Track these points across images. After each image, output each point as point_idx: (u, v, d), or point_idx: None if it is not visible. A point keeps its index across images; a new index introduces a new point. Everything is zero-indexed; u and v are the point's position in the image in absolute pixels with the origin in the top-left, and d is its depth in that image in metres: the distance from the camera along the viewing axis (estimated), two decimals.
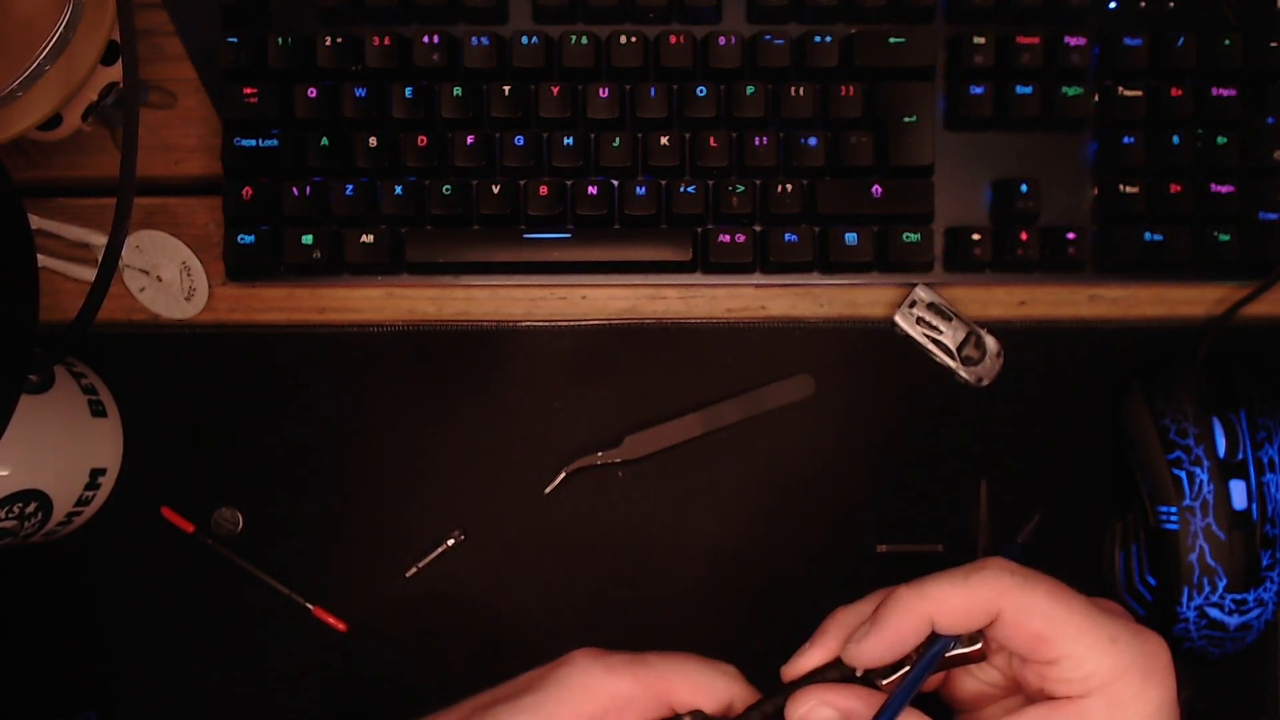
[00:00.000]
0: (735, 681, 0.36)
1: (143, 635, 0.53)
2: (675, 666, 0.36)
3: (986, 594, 0.33)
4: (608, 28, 0.51)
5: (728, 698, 0.36)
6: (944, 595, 0.33)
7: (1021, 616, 0.33)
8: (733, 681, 0.36)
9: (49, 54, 0.44)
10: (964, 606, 0.33)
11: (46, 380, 0.49)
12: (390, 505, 0.53)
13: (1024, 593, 0.33)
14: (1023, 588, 0.33)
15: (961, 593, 0.33)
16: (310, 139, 0.50)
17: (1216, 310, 0.53)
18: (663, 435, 0.53)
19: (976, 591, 0.33)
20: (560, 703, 0.34)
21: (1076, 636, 0.33)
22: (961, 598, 0.33)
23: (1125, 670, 0.32)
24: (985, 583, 0.33)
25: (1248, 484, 0.48)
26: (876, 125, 0.51)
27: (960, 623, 0.34)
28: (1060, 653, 0.33)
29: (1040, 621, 0.33)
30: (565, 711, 0.34)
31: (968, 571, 0.34)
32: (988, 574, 0.33)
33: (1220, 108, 0.50)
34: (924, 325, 0.52)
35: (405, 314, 0.53)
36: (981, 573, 0.33)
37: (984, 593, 0.33)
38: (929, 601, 0.34)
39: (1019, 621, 0.33)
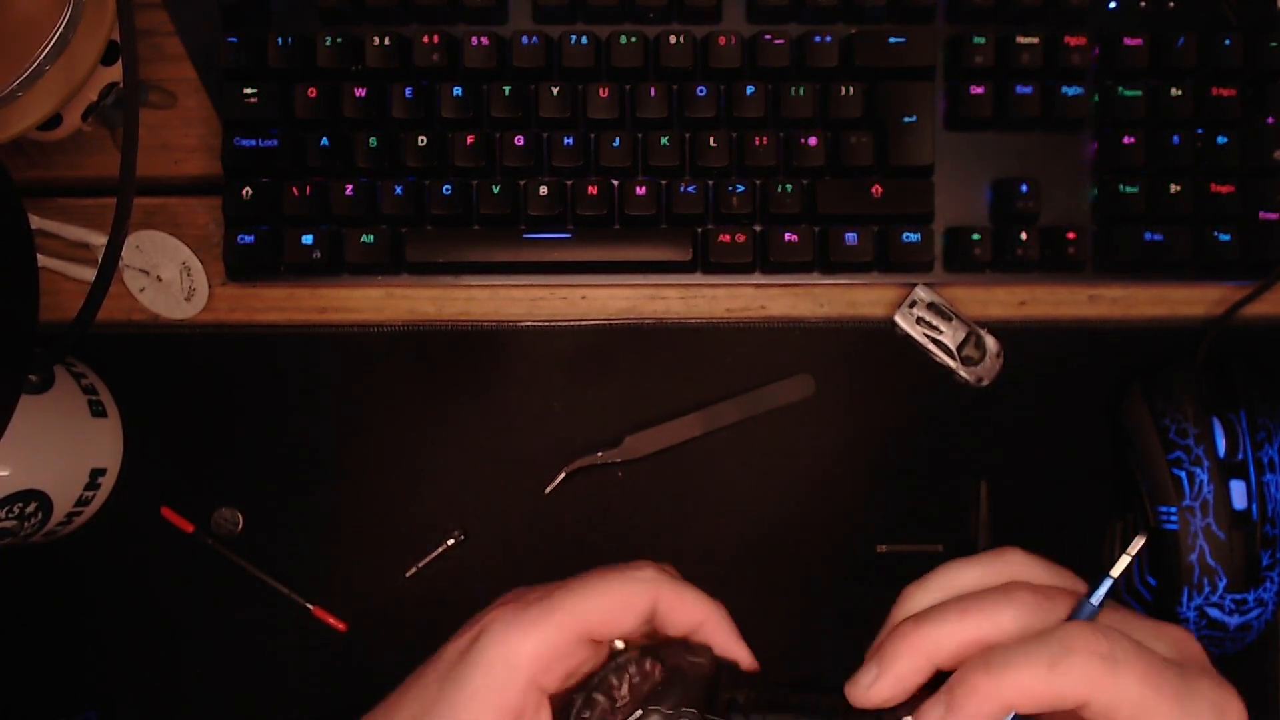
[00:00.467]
0: (652, 584, 0.35)
1: (143, 635, 0.53)
2: (588, 595, 0.34)
3: (1074, 688, 0.29)
4: (608, 28, 0.51)
5: (646, 615, 0.35)
6: (1027, 685, 0.30)
7: (1109, 709, 0.30)
8: (649, 586, 0.35)
9: (49, 54, 0.44)
10: (1048, 699, 0.30)
11: (46, 380, 0.49)
12: (390, 505, 0.53)
13: (1114, 681, 0.29)
14: (1113, 675, 0.29)
15: (1045, 684, 0.29)
16: (310, 139, 0.50)
17: (1216, 310, 0.53)
18: (663, 435, 0.53)
19: (1064, 685, 0.29)
20: (490, 690, 0.33)
21: (1169, 710, 0.30)
22: (1045, 689, 0.29)
23: None
24: (1073, 675, 0.29)
25: (1248, 484, 0.48)
26: (876, 125, 0.51)
27: (1041, 710, 0.30)
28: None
29: (1128, 712, 0.29)
30: (496, 697, 0.33)
31: (1053, 657, 0.30)
32: (1076, 659, 0.29)
33: (1220, 108, 0.50)
34: (924, 325, 0.52)
35: (405, 314, 0.53)
36: (1069, 658, 0.29)
37: (1071, 684, 0.29)
38: (1010, 691, 0.30)
39: (1106, 713, 0.30)
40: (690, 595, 0.36)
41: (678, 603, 0.35)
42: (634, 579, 0.35)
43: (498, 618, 0.34)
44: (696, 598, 0.36)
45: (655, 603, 0.35)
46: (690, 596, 0.36)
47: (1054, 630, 0.31)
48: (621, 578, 0.35)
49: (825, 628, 0.53)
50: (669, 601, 0.35)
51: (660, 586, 0.35)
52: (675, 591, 0.35)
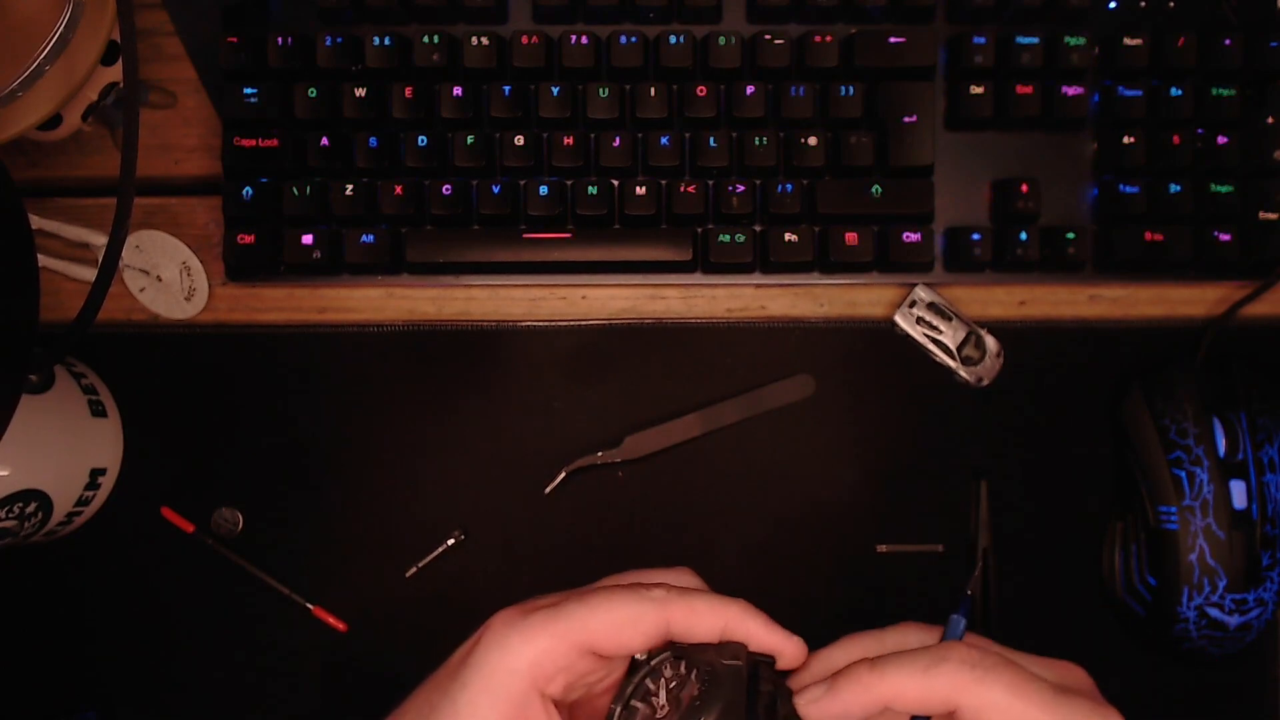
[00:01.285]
0: (661, 604, 0.34)
1: (143, 635, 0.53)
2: (595, 609, 0.34)
3: (943, 689, 0.33)
4: (608, 28, 0.51)
5: (657, 635, 0.34)
6: (901, 685, 0.33)
7: (979, 713, 0.32)
8: (658, 605, 0.34)
9: (49, 54, 0.44)
10: (920, 698, 0.33)
11: (46, 380, 0.49)
12: (390, 505, 0.53)
13: (982, 688, 0.32)
14: (981, 682, 0.32)
15: (919, 685, 0.33)
16: (310, 139, 0.50)
17: (1216, 310, 0.53)
18: (663, 435, 0.53)
19: (934, 685, 0.33)
20: (490, 695, 0.33)
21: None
22: (918, 689, 0.33)
23: None
24: (943, 676, 0.33)
25: (1248, 484, 0.48)
26: (876, 125, 0.51)
27: (917, 709, 0.34)
28: None
29: (998, 716, 0.32)
30: (497, 703, 0.33)
31: (928, 662, 0.33)
32: (946, 667, 0.33)
33: (1220, 108, 0.50)
34: (924, 325, 0.52)
35: (405, 314, 0.53)
36: (941, 665, 0.33)
37: (941, 687, 0.33)
38: (886, 687, 0.33)
39: (978, 718, 0.33)
40: (704, 605, 0.35)
41: (691, 616, 0.35)
42: (644, 598, 0.34)
43: (500, 623, 0.34)
44: (711, 606, 0.35)
45: (667, 622, 0.35)
46: (704, 607, 0.35)
47: (933, 645, 0.35)
48: (631, 596, 0.34)
49: (825, 628, 0.53)
50: (682, 617, 0.35)
51: (670, 605, 0.34)
52: (687, 606, 0.35)
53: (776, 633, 0.36)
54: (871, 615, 0.53)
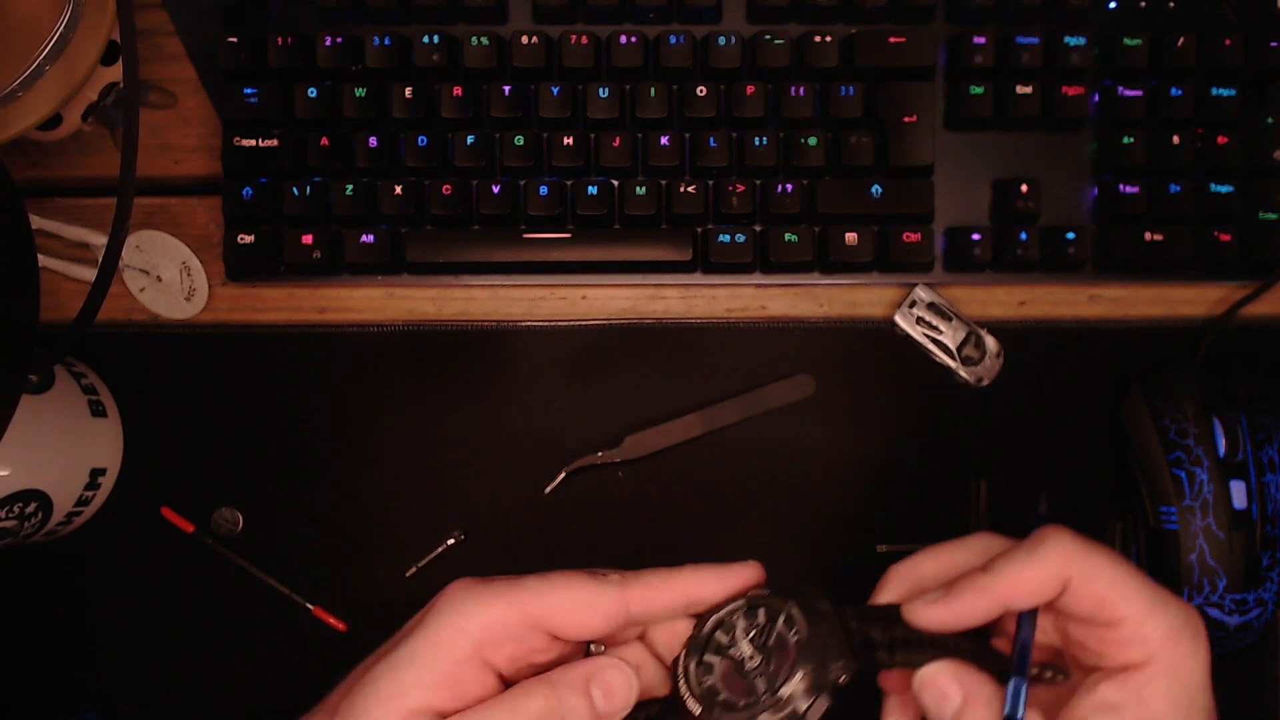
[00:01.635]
0: (622, 592, 0.34)
1: (143, 635, 0.53)
2: (555, 589, 0.34)
3: (1056, 564, 0.34)
4: (608, 28, 0.51)
5: (616, 616, 0.34)
6: (1018, 575, 0.34)
7: (1088, 581, 0.34)
8: (619, 592, 0.34)
9: (49, 54, 0.44)
10: (1037, 580, 0.34)
11: (46, 380, 0.49)
12: (390, 505, 0.53)
13: (1089, 558, 0.34)
14: (1087, 554, 0.34)
15: (1034, 568, 0.34)
16: (310, 139, 0.50)
17: (1216, 310, 0.53)
18: (663, 435, 0.53)
19: (1046, 563, 0.34)
20: (434, 646, 0.33)
21: (1136, 597, 0.33)
22: (1034, 572, 0.34)
23: (1180, 630, 0.33)
24: (1052, 554, 0.34)
25: (1248, 484, 0.48)
26: (876, 125, 0.51)
27: (1034, 597, 0.34)
28: (1123, 614, 0.33)
29: (1105, 584, 0.34)
30: (438, 656, 0.33)
31: (1032, 546, 0.34)
32: (1052, 544, 0.34)
33: (1220, 108, 0.50)
34: (924, 325, 0.52)
35: (405, 314, 0.53)
36: (1045, 544, 0.34)
37: (1053, 564, 0.34)
38: (1005, 584, 0.34)
39: (1086, 586, 0.34)
40: (659, 583, 0.35)
41: (649, 595, 0.35)
42: (602, 582, 0.34)
43: (458, 587, 0.34)
44: (666, 582, 0.35)
45: (626, 605, 0.34)
46: (659, 584, 0.35)
47: (1034, 535, 0.35)
48: (590, 579, 0.34)
49: None
50: (640, 598, 0.34)
51: (628, 588, 0.34)
52: (644, 587, 0.35)
53: (731, 574, 0.36)
54: None
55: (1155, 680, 0.33)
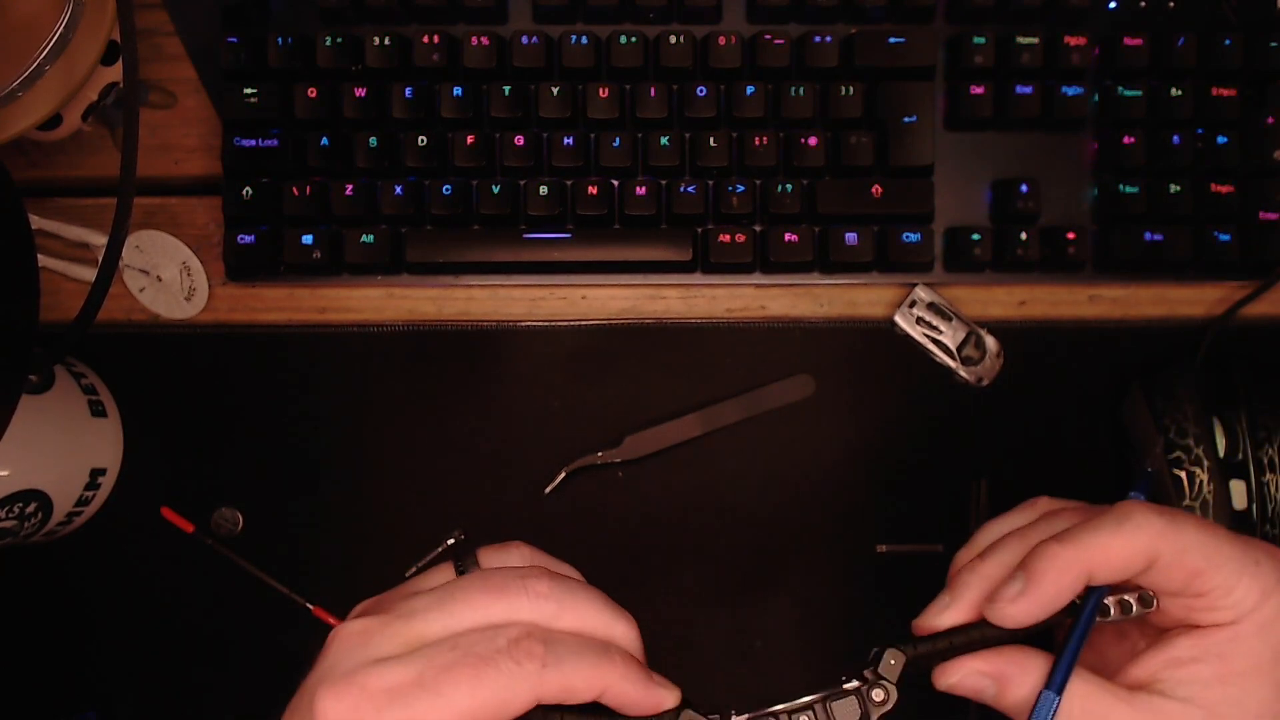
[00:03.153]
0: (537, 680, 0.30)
1: (143, 635, 0.53)
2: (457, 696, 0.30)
3: (1143, 540, 0.32)
4: (608, 28, 0.51)
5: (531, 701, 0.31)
6: (1103, 547, 0.32)
7: (1179, 556, 0.32)
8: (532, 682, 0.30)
9: (49, 54, 0.44)
10: (1123, 555, 0.32)
11: (46, 380, 0.49)
12: (390, 505, 0.53)
13: (1178, 532, 0.32)
14: (1176, 528, 0.32)
15: (1120, 542, 0.32)
16: (310, 139, 0.50)
17: (1216, 310, 0.53)
18: (663, 435, 0.53)
19: (1134, 539, 0.32)
20: None
21: (1228, 565, 0.32)
22: (1120, 547, 0.32)
23: (1270, 591, 0.32)
24: (1140, 529, 0.32)
25: (1248, 484, 0.48)
26: (876, 125, 0.51)
27: (1119, 573, 0.33)
28: (1214, 584, 0.32)
29: (1197, 557, 0.32)
30: None
31: (1116, 520, 0.33)
32: (1137, 518, 0.33)
33: (1220, 108, 0.50)
34: (924, 325, 0.52)
35: (405, 314, 0.53)
36: (1132, 518, 0.33)
37: (1141, 539, 0.32)
38: (1088, 554, 0.32)
39: (1177, 562, 0.32)
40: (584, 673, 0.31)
41: (567, 685, 0.31)
42: (513, 675, 0.30)
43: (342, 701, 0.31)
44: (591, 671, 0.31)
45: (539, 696, 0.31)
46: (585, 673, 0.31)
47: (1109, 509, 0.33)
48: (496, 674, 0.30)
49: (825, 628, 0.53)
50: (557, 689, 0.31)
51: (545, 679, 0.30)
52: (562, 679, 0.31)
53: (653, 691, 0.32)
54: (871, 615, 0.53)
55: (1241, 639, 0.32)
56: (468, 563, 0.36)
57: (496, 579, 0.33)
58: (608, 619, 0.33)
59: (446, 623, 0.32)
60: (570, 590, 0.33)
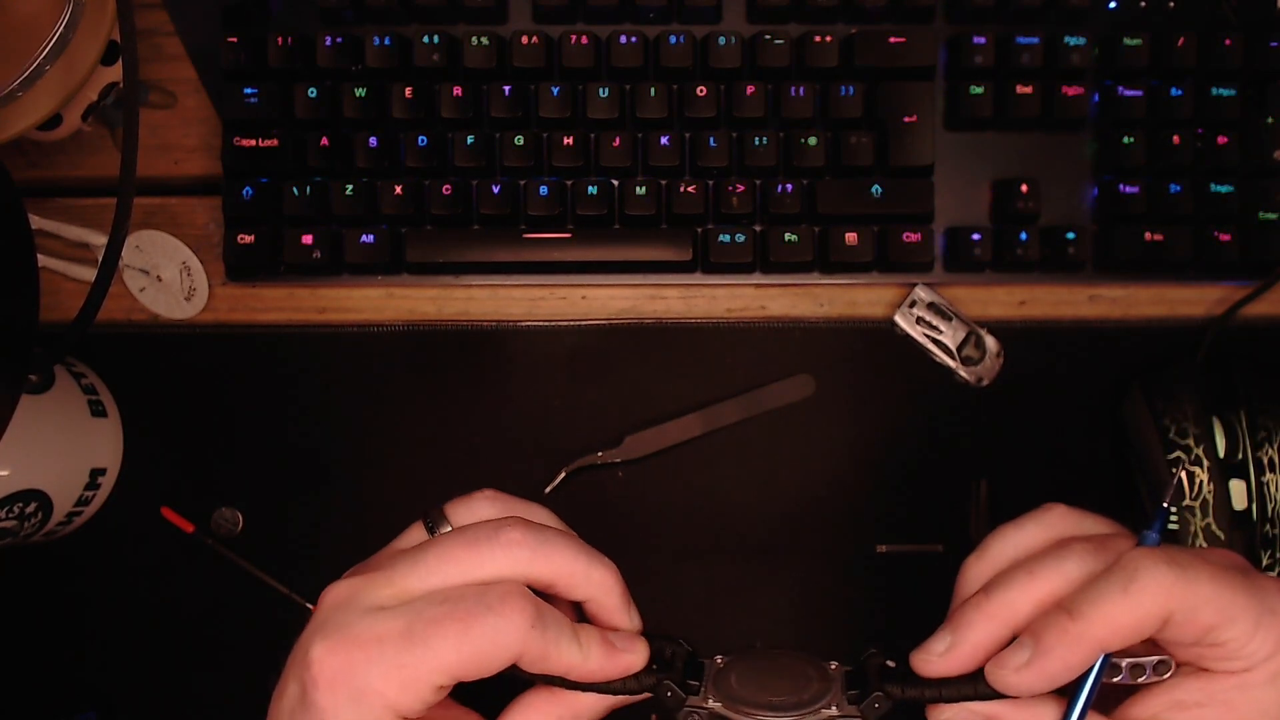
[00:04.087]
0: (537, 633, 0.32)
1: (143, 635, 0.53)
2: (453, 641, 0.31)
3: (1154, 603, 0.30)
4: (608, 28, 0.51)
5: (522, 651, 0.32)
6: (1112, 619, 0.31)
7: (1192, 614, 0.31)
8: (527, 633, 0.32)
9: (49, 54, 0.44)
10: (1133, 623, 0.31)
11: (46, 380, 0.49)
12: (390, 505, 0.53)
13: (1190, 588, 0.30)
14: (1187, 582, 0.30)
15: (1130, 611, 0.30)
16: (310, 139, 0.50)
17: (1216, 310, 0.53)
18: (663, 435, 0.53)
19: (1144, 604, 0.30)
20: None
21: (1243, 617, 0.31)
22: (1130, 616, 0.30)
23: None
24: (1149, 591, 0.30)
25: (1248, 484, 0.48)
26: (876, 125, 0.51)
27: (1130, 640, 0.31)
28: (1229, 636, 0.31)
29: (1211, 612, 0.31)
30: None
31: (1125, 581, 0.31)
32: (1147, 578, 0.30)
33: (1220, 108, 0.50)
34: (924, 325, 0.52)
35: (405, 314, 0.53)
36: (1141, 579, 0.30)
37: (1152, 603, 0.30)
38: (1097, 629, 0.31)
39: (1190, 620, 0.31)
40: (567, 639, 0.33)
41: (556, 647, 0.32)
42: (508, 619, 0.31)
43: (337, 651, 0.31)
44: (574, 640, 0.33)
45: (527, 649, 0.32)
46: (567, 640, 0.33)
47: (1116, 563, 0.31)
48: (492, 616, 0.31)
49: (825, 628, 0.53)
50: (544, 648, 0.32)
51: (545, 635, 0.32)
52: (554, 638, 0.33)
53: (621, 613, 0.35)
54: (871, 615, 0.53)
55: (1250, 687, 0.31)
56: (435, 518, 0.37)
57: (470, 532, 0.34)
58: (585, 562, 0.35)
59: (428, 579, 0.33)
60: (544, 538, 0.34)
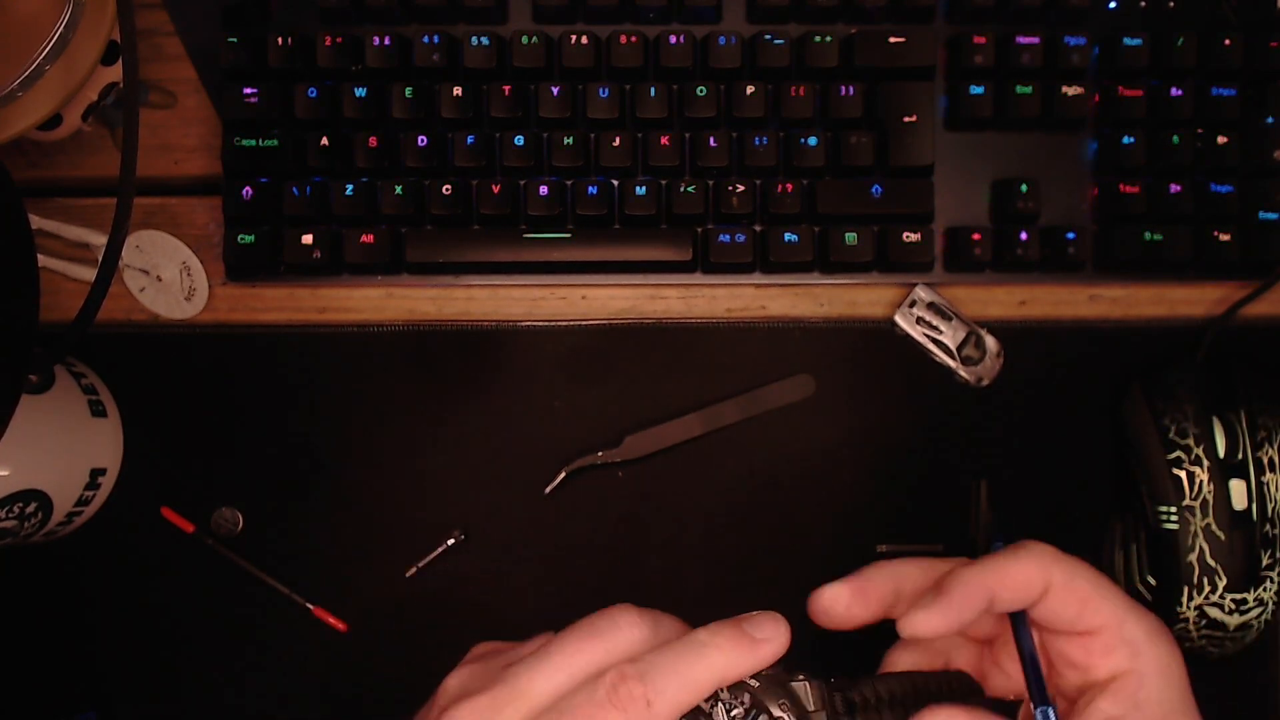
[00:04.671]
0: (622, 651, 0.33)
1: (143, 635, 0.53)
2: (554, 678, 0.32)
3: (1039, 566, 0.35)
4: (608, 28, 0.51)
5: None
6: (1004, 570, 0.35)
7: (1070, 583, 0.35)
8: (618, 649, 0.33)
9: (49, 54, 0.44)
10: (1022, 579, 0.35)
11: (46, 380, 0.49)
12: (390, 505, 0.53)
13: (1068, 563, 0.36)
14: (1066, 560, 0.36)
15: (1019, 567, 0.36)
16: (310, 139, 0.50)
17: (1216, 310, 0.53)
18: (663, 435, 0.53)
19: (1031, 565, 0.35)
20: None
21: (1114, 600, 0.35)
22: (1019, 571, 0.35)
23: (1158, 633, 0.35)
24: (1035, 557, 0.36)
25: (1248, 484, 0.48)
26: (876, 125, 0.51)
27: (1018, 596, 0.36)
28: (1104, 618, 0.35)
29: (1086, 586, 0.35)
30: None
31: (1016, 550, 0.36)
32: (1034, 549, 0.36)
33: (1220, 108, 0.50)
34: (924, 325, 0.52)
35: (405, 314, 0.53)
36: (1029, 549, 0.36)
37: (1037, 565, 0.35)
38: (992, 577, 0.35)
39: (1069, 587, 0.35)
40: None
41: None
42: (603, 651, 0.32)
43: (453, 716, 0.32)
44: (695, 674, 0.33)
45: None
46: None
47: (1014, 545, 0.37)
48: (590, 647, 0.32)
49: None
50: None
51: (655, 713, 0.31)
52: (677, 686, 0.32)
53: (758, 647, 0.34)
54: None
55: (1147, 684, 0.34)
56: None
57: (593, 622, 0.34)
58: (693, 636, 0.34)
59: (552, 677, 0.32)
60: (655, 616, 0.34)
